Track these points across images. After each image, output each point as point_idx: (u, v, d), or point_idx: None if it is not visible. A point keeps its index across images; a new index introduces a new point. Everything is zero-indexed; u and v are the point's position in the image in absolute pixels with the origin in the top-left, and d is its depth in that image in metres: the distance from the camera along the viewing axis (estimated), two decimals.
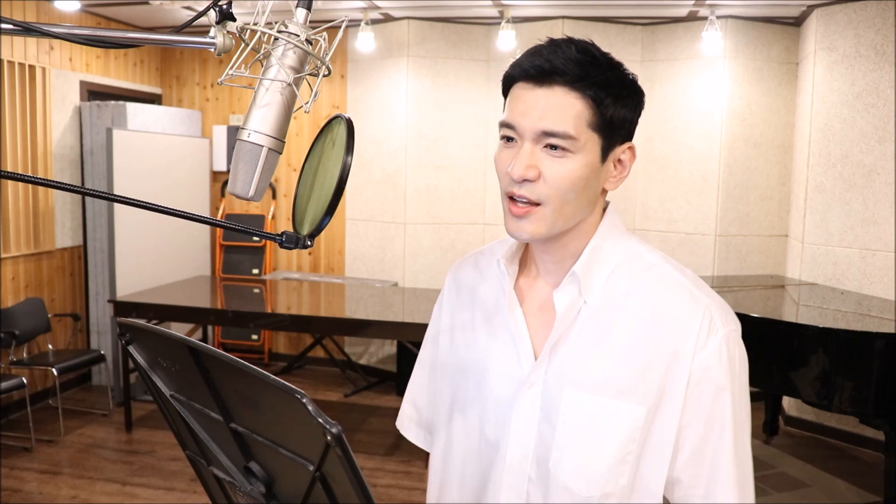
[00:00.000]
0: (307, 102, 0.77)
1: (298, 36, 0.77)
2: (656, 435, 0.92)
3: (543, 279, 1.02)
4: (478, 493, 1.03)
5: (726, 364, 0.92)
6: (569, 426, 0.94)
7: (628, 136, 0.96)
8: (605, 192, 0.98)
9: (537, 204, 0.92)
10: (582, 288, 0.96)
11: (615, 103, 0.91)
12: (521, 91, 0.92)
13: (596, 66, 0.90)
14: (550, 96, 0.90)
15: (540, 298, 1.02)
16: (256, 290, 5.26)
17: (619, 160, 0.96)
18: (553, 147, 0.90)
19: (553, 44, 0.92)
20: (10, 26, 0.70)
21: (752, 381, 1.21)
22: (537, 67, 0.90)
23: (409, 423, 1.20)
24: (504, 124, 0.94)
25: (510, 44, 4.97)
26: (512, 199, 0.93)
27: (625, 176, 0.97)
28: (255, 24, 0.76)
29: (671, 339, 0.92)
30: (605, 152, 0.93)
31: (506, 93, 0.96)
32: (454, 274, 1.16)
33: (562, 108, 0.89)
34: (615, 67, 0.93)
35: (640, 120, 0.98)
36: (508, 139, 0.94)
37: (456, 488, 1.07)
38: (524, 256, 1.06)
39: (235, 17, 0.77)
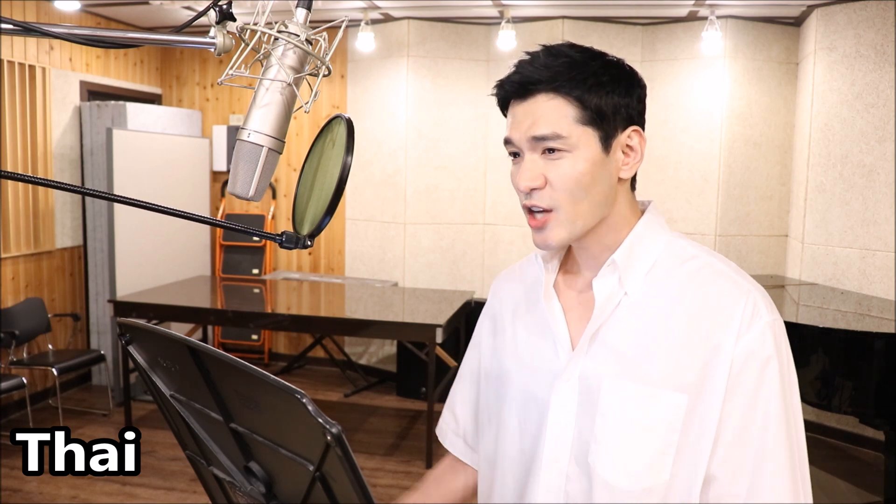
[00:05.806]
0: (307, 102, 0.77)
1: (298, 36, 0.76)
2: (696, 426, 0.89)
3: (584, 273, 1.02)
4: (518, 498, 1.01)
5: (772, 349, 0.89)
6: (608, 417, 0.92)
7: (629, 120, 0.95)
8: (622, 181, 0.97)
9: (550, 210, 0.93)
10: (622, 279, 0.96)
11: (598, 93, 0.92)
12: (512, 108, 0.97)
13: (570, 64, 0.92)
14: (535, 105, 0.93)
15: (579, 291, 1.01)
16: (256, 290, 5.26)
17: (629, 146, 0.96)
18: (550, 151, 0.93)
19: (528, 57, 0.95)
20: (10, 26, 0.70)
21: None
22: (515, 84, 0.95)
23: (446, 431, 1.20)
24: (505, 141, 0.98)
25: (510, 44, 4.97)
26: (530, 211, 0.96)
27: (639, 161, 0.96)
28: (255, 24, 0.76)
29: (713, 327, 0.90)
30: (606, 142, 0.93)
31: (505, 115, 1.00)
32: (496, 282, 1.17)
33: (546, 112, 0.92)
34: (596, 58, 0.94)
35: None
36: (515, 155, 0.97)
37: (497, 496, 1.04)
38: (567, 255, 1.06)
39: (235, 17, 0.77)
